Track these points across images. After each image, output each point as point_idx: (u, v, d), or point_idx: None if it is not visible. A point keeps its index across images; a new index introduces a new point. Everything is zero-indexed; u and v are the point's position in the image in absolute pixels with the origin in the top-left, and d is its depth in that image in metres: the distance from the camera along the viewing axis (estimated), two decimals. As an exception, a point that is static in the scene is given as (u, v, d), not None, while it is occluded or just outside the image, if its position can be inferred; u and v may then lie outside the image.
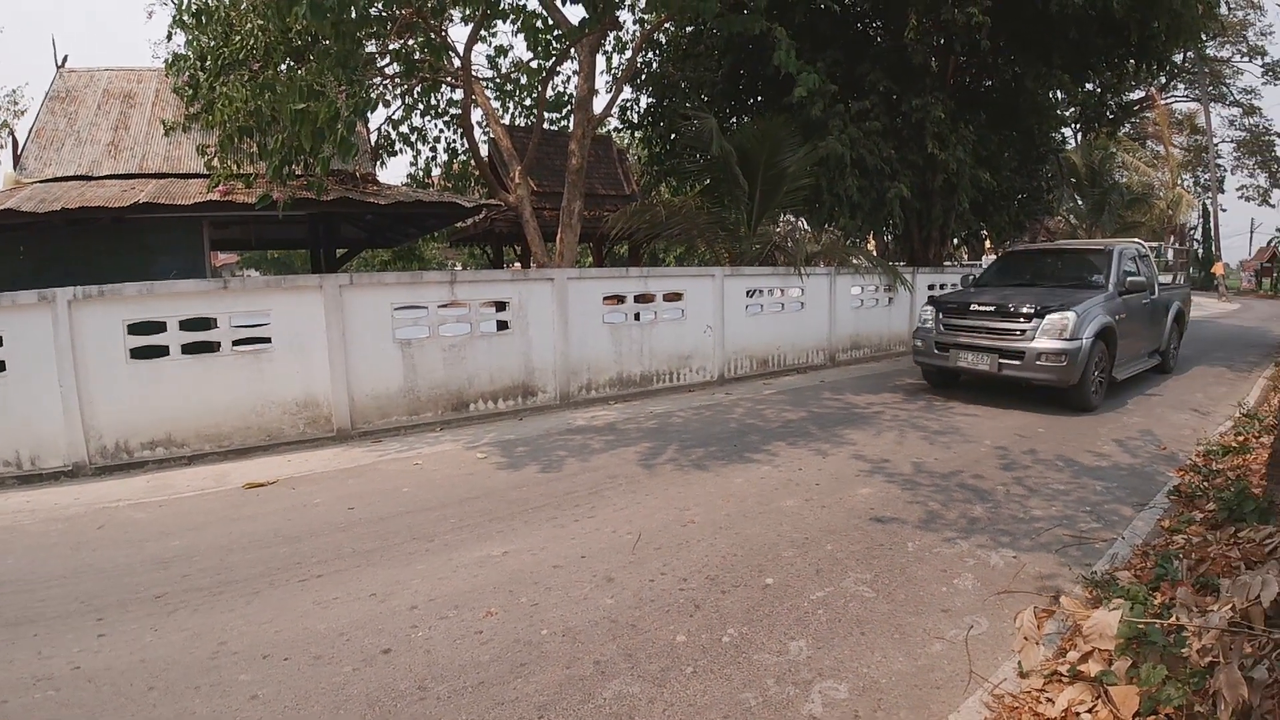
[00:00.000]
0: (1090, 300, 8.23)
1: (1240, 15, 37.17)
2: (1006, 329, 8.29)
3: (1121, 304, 8.69)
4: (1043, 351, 7.83)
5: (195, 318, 6.70)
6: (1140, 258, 10.01)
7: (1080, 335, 7.74)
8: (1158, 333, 10.31)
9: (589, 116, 11.13)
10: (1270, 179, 44.88)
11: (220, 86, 9.27)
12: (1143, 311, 9.45)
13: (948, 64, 15.16)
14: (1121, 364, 8.89)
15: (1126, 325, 8.71)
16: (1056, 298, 8.32)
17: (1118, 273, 8.92)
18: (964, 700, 2.77)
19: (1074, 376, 7.75)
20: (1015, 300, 8.45)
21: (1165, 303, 10.49)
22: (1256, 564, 3.28)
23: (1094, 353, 7.89)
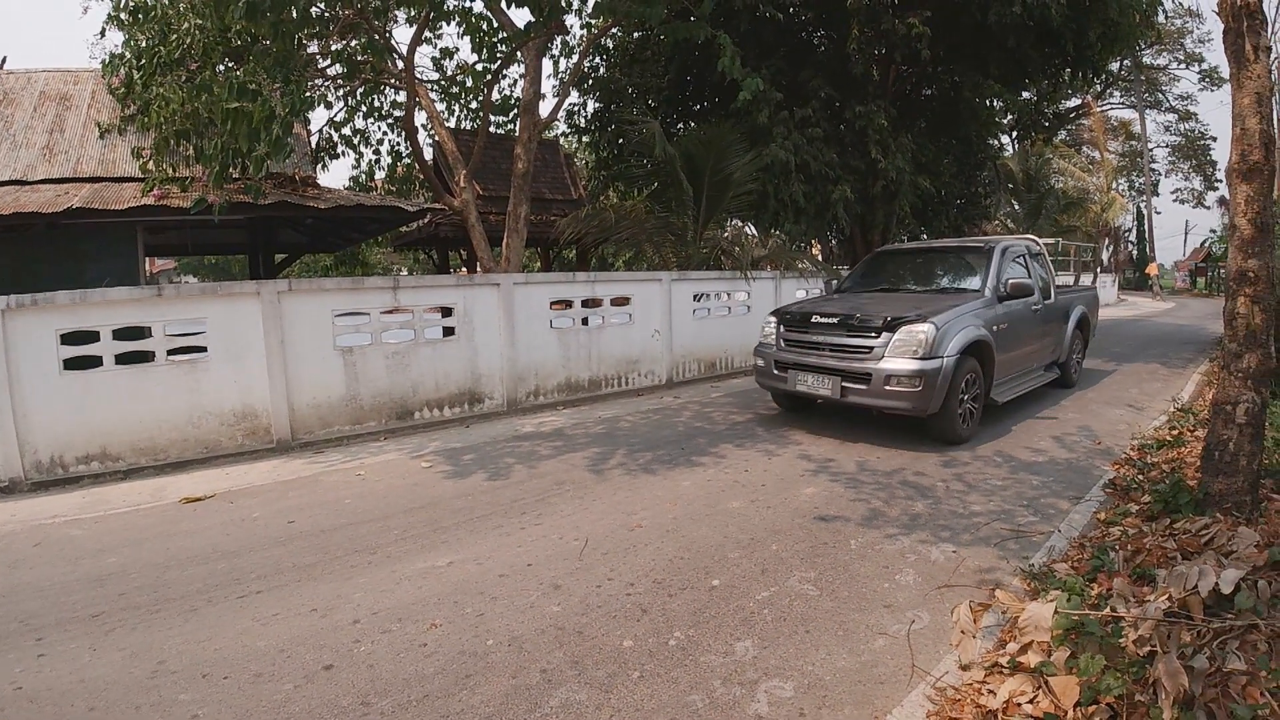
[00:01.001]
0: (958, 309, 6.86)
1: (1178, 24, 38.60)
2: (852, 346, 6.84)
3: (1002, 312, 7.41)
4: (892, 373, 6.40)
5: (129, 326, 6.50)
6: (1031, 256, 8.72)
7: (940, 352, 6.36)
8: (1054, 342, 9.01)
9: (535, 120, 11.10)
10: (1205, 182, 46.76)
11: (156, 87, 9.03)
12: (1032, 320, 8.19)
13: (889, 73, 15.46)
14: (1003, 383, 7.66)
15: (1009, 336, 7.47)
16: (917, 307, 6.96)
17: (997, 275, 7.59)
18: (907, 695, 2.84)
19: (932, 403, 6.35)
20: (863, 311, 7.07)
21: (1064, 308, 9.24)
22: (1192, 555, 3.40)
23: (960, 372, 6.53)
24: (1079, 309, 9.74)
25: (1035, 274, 8.48)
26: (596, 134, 17.11)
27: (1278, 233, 9.59)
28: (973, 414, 6.92)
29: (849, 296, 8.35)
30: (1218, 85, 39.67)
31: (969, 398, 6.82)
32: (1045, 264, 9.04)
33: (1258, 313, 3.87)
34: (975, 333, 6.79)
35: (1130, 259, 52.99)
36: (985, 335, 6.91)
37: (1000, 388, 7.54)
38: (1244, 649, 2.56)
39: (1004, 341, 7.35)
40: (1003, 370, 7.49)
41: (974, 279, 7.76)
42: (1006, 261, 7.94)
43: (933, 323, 6.45)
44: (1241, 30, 3.86)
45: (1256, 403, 3.89)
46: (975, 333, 6.79)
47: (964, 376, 6.61)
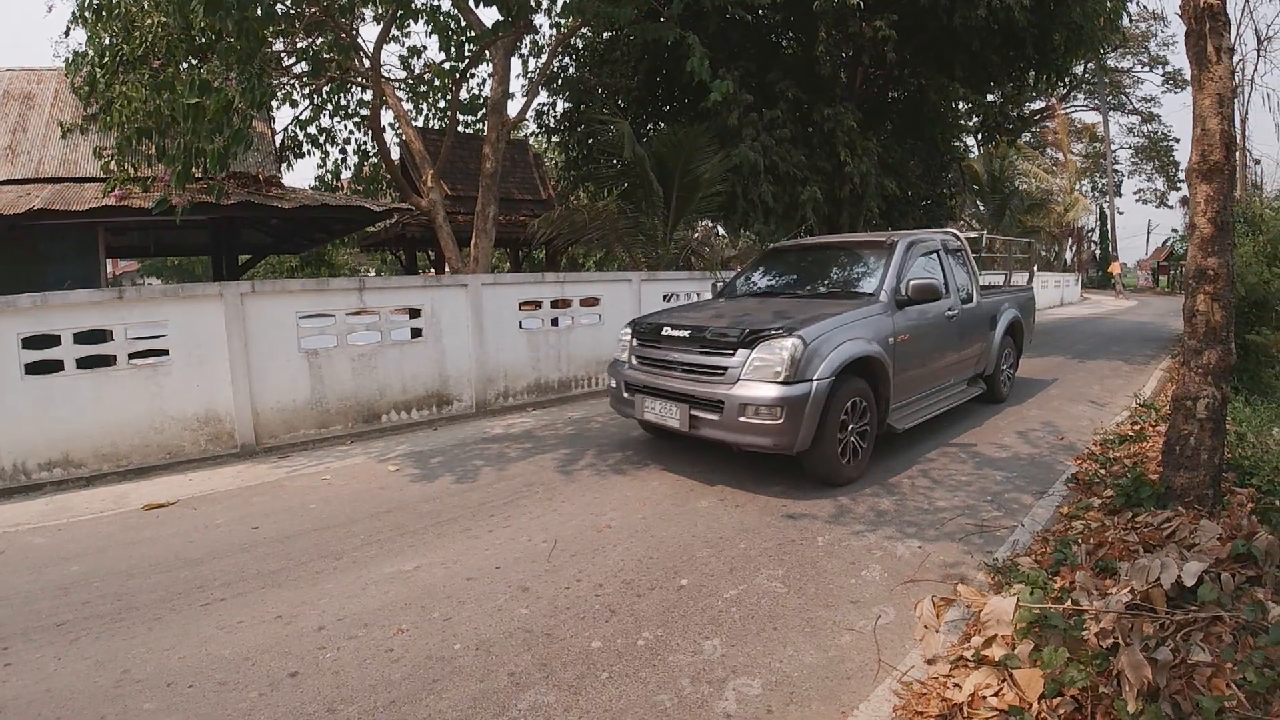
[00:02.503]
0: (837, 318, 5.57)
1: (1143, 27, 39.31)
2: (703, 366, 5.57)
3: (903, 320, 6.18)
4: (748, 401, 5.09)
5: (90, 330, 6.36)
6: (948, 253, 7.45)
7: (809, 374, 5.09)
8: (977, 353, 7.79)
9: (504, 120, 11.05)
10: (1167, 182, 47.75)
11: (119, 86, 8.86)
12: (946, 328, 6.96)
13: (856, 75, 15.58)
14: (907, 405, 6.47)
15: (912, 349, 6.29)
16: (789, 315, 5.67)
17: (896, 276, 6.33)
18: (873, 690, 2.85)
19: (799, 438, 5.06)
20: (720, 322, 5.79)
21: (989, 313, 8.07)
22: (1155, 548, 3.44)
23: (839, 398, 5.26)
24: (1009, 313, 8.58)
25: (952, 274, 7.30)
26: (566, 134, 17.05)
27: (1239, 231, 9.90)
28: (860, 448, 5.64)
29: (725, 303, 7.02)
30: (1181, 87, 40.50)
31: (854, 428, 5.55)
32: (967, 262, 7.85)
33: (1217, 310, 3.94)
34: (861, 347, 5.51)
35: (1093, 258, 54.03)
36: (876, 350, 5.67)
37: (902, 412, 6.35)
38: (1208, 641, 2.59)
39: (905, 356, 6.17)
40: (904, 390, 6.31)
41: (870, 281, 6.49)
42: (911, 260, 6.65)
43: (799, 337, 5.13)
44: (1204, 32, 3.92)
45: (1217, 398, 3.95)
46: (861, 347, 5.51)
47: (845, 402, 5.34)
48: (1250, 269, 9.56)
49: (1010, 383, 8.87)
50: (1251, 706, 2.33)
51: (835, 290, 6.73)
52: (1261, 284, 9.57)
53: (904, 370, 6.18)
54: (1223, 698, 2.35)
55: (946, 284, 7.08)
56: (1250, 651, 2.52)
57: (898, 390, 6.12)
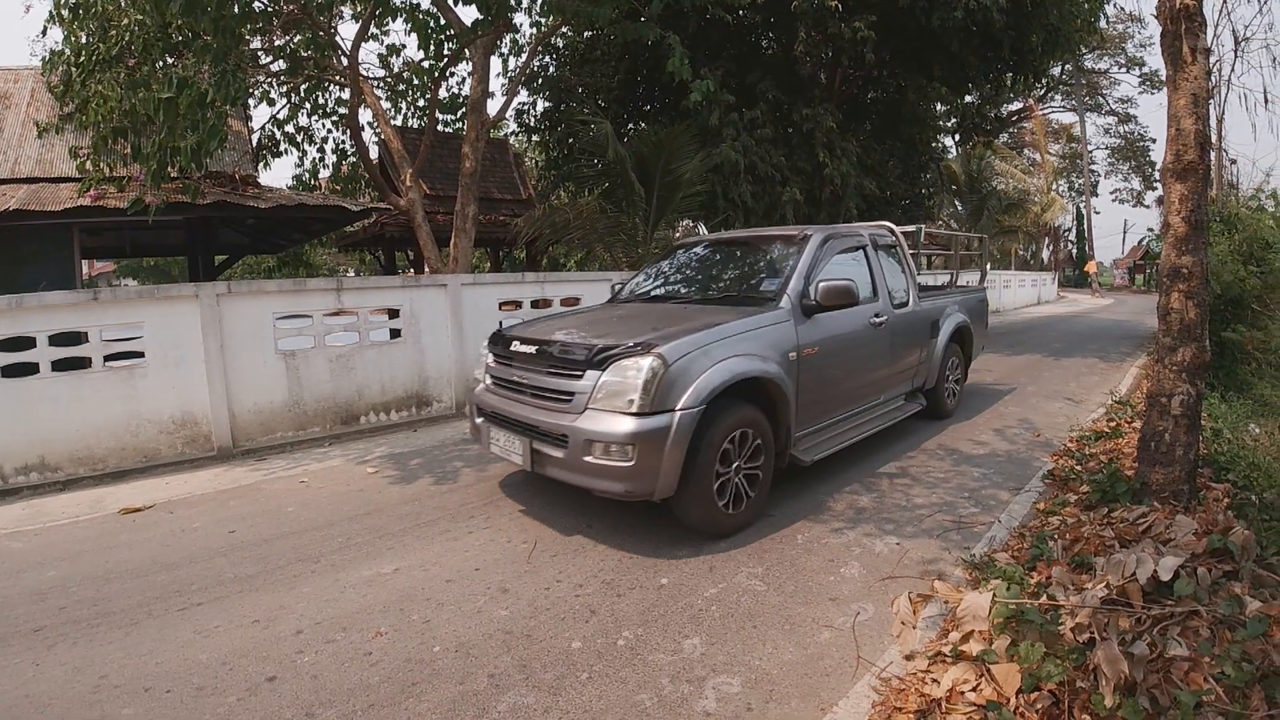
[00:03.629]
0: (719, 330, 4.50)
1: (1120, 29, 39.74)
2: (548, 391, 4.55)
3: (811, 330, 5.09)
4: (593, 437, 4.09)
5: (65, 331, 6.28)
6: (879, 249, 6.49)
7: (670, 402, 4.06)
8: (914, 364, 6.81)
9: (483, 119, 11.01)
10: (1144, 182, 48.34)
11: (95, 85, 8.76)
12: (871, 337, 5.92)
13: (835, 76, 15.68)
14: (818, 431, 5.41)
15: (824, 365, 5.22)
16: (658, 327, 4.62)
17: (804, 278, 5.26)
18: (852, 686, 2.86)
19: (656, 483, 4.05)
20: (573, 336, 4.78)
21: (930, 317, 7.08)
22: (1130, 543, 3.47)
23: (713, 431, 4.20)
24: (955, 318, 7.55)
25: (882, 274, 6.30)
26: (546, 133, 17.06)
27: (1215, 230, 10.01)
28: (747, 490, 4.52)
29: (603, 310, 6.15)
30: (1158, 88, 40.91)
31: (741, 465, 4.46)
32: (902, 260, 6.88)
33: (1191, 307, 3.98)
34: (749, 366, 4.45)
35: (1070, 257, 54.62)
36: (771, 369, 4.61)
37: (813, 439, 5.34)
38: (1185, 635, 2.62)
39: (815, 373, 5.12)
40: (815, 414, 5.28)
41: (773, 283, 5.39)
42: (826, 258, 5.62)
43: (659, 355, 4.06)
44: (1180, 33, 3.96)
45: (1191, 395, 4.00)
46: (749, 366, 4.45)
47: (725, 435, 4.28)
48: (1226, 267, 9.67)
49: (957, 396, 7.90)
50: (1230, 700, 2.35)
51: (732, 294, 5.64)
52: (1237, 282, 9.68)
53: (813, 390, 5.14)
54: (1200, 691, 2.37)
55: (874, 285, 6.16)
56: (1228, 646, 2.54)
57: (805, 414, 5.09)
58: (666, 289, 6.42)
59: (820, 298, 5.04)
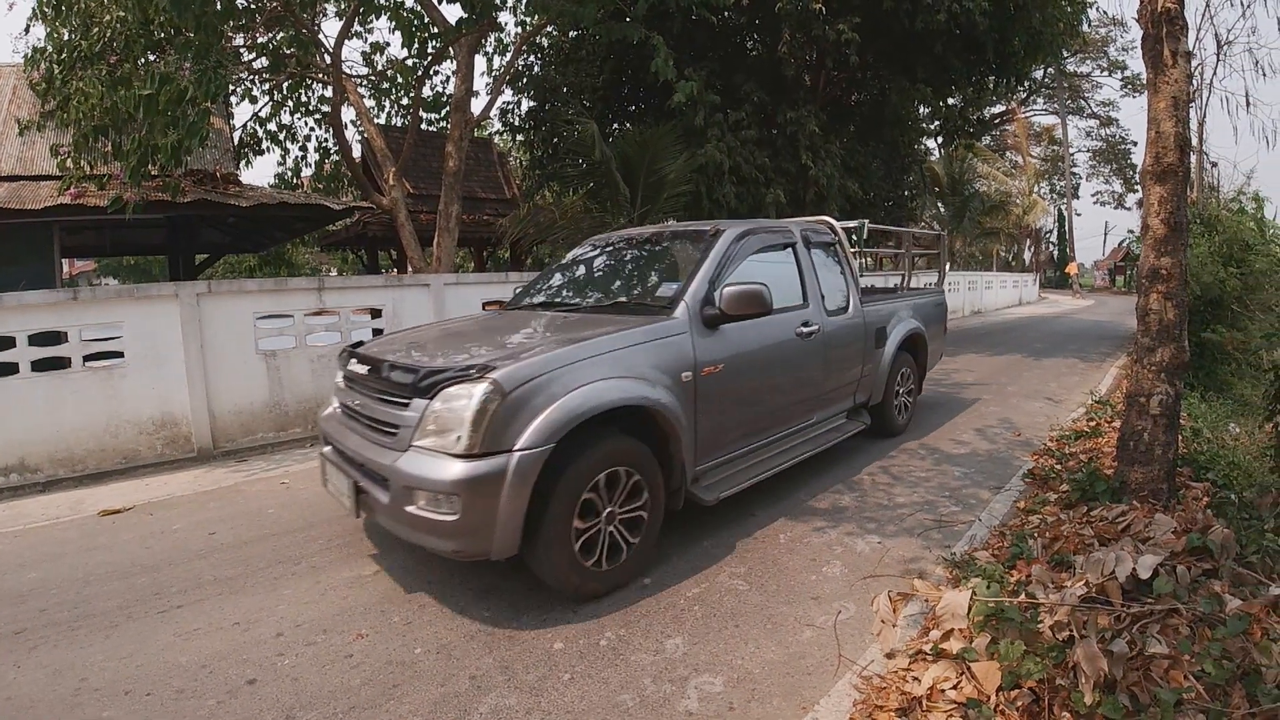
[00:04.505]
0: (586, 347, 3.70)
1: (1102, 33, 40.09)
2: (377, 421, 3.80)
3: (715, 344, 4.29)
4: (413, 484, 3.33)
5: (45, 331, 6.21)
6: (813, 248, 5.73)
7: (508, 440, 3.26)
8: (854, 378, 6.01)
9: (467, 118, 10.98)
10: (1125, 185, 48.82)
11: (76, 81, 8.68)
12: (799, 350, 5.10)
13: (819, 78, 15.74)
14: (730, 463, 4.63)
15: (734, 384, 4.43)
16: (507, 344, 4.02)
17: (708, 281, 4.44)
18: (834, 685, 2.86)
19: (492, 541, 3.26)
20: (409, 354, 4.12)
21: (877, 324, 6.30)
22: (1110, 541, 3.50)
23: (571, 474, 3.42)
24: (906, 324, 6.80)
25: (813, 276, 5.52)
26: (531, 133, 17.03)
27: (1195, 232, 10.11)
28: (626, 540, 3.73)
29: (482, 319, 5.45)
30: (1139, 92, 41.28)
31: (615, 512, 3.67)
32: (842, 260, 6.14)
33: (1170, 308, 4.02)
34: (624, 391, 3.64)
35: (1051, 259, 55.08)
36: (655, 393, 3.78)
37: (720, 472, 4.55)
38: (1165, 633, 2.63)
39: (720, 395, 4.30)
40: (723, 443, 4.50)
41: (672, 288, 4.58)
42: (738, 258, 4.79)
43: (493, 381, 3.25)
44: (1161, 36, 4.00)
45: (1170, 394, 4.03)
46: (624, 391, 3.64)
47: (588, 480, 3.48)
48: (1206, 269, 9.78)
49: (910, 410, 7.13)
50: (1211, 698, 2.37)
51: (623, 302, 4.80)
52: (1217, 283, 9.80)
53: (720, 415, 4.37)
54: (1181, 689, 2.39)
55: (804, 289, 5.37)
56: (1208, 643, 2.56)
57: (710, 444, 4.35)
58: (560, 294, 5.52)
59: (725, 306, 4.22)
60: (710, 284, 4.43)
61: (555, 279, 5.87)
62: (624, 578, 3.76)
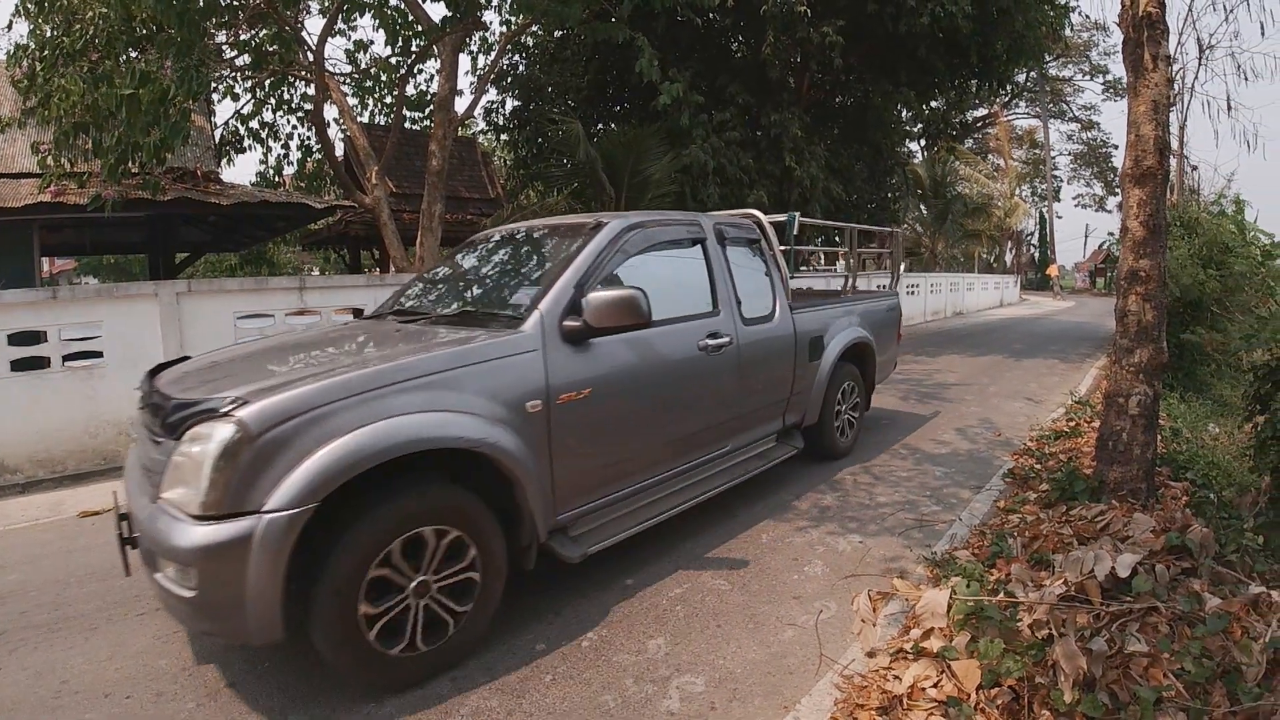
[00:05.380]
0: (390, 370, 2.91)
1: (1085, 37, 40.45)
2: (147, 462, 3.01)
3: (579, 363, 3.50)
4: (155, 547, 2.64)
5: (24, 331, 6.13)
6: (729, 244, 4.88)
7: (251, 500, 2.48)
8: (781, 396, 5.16)
9: (451, 117, 10.93)
10: (1105, 188, 49.28)
11: (58, 79, 8.59)
12: (704, 367, 4.28)
13: (803, 80, 15.82)
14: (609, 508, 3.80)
15: (607, 413, 3.65)
16: (285, 368, 3.26)
17: (571, 287, 3.62)
18: (815, 684, 2.87)
19: (243, 622, 2.51)
20: (188, 376, 3.44)
21: (812, 333, 5.46)
22: (1089, 540, 3.52)
23: (352, 540, 2.65)
24: (849, 332, 5.96)
25: (726, 278, 4.69)
26: (515, 132, 17.02)
27: (1175, 234, 10.19)
28: (451, 613, 2.96)
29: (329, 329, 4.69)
30: (1121, 95, 41.56)
31: (432, 580, 2.88)
32: (766, 258, 5.32)
33: (1149, 310, 4.05)
34: (427, 428, 2.86)
35: (1032, 261, 55.52)
36: (484, 430, 3.01)
37: (595, 520, 3.73)
38: (1144, 631, 2.65)
39: (587, 426, 3.53)
40: (595, 484, 3.67)
41: (530, 293, 3.73)
42: (619, 258, 3.97)
43: (239, 420, 2.52)
44: (1141, 40, 4.03)
45: (1149, 395, 4.07)
46: (427, 428, 2.86)
47: (377, 548, 2.71)
48: (1185, 270, 9.86)
49: (855, 429, 6.29)
50: (1191, 696, 2.38)
51: (471, 311, 4.01)
52: (1196, 285, 9.88)
53: (588, 452, 3.58)
54: (1160, 687, 2.40)
55: (714, 294, 4.56)
56: (1188, 642, 2.58)
57: (576, 487, 3.52)
58: (421, 300, 4.64)
59: (589, 316, 3.41)
60: (578, 289, 3.59)
61: (428, 281, 4.99)
62: (453, 657, 3.01)
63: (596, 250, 3.86)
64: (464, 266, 4.91)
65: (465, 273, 4.85)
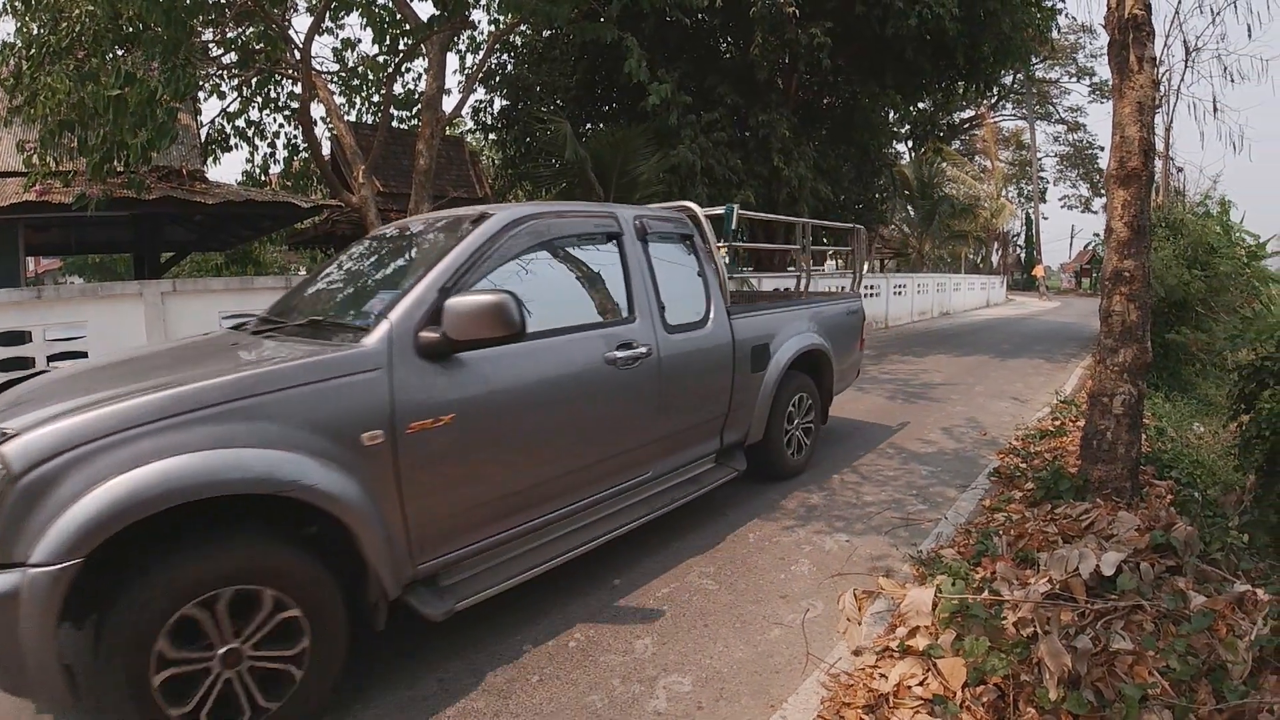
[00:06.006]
0: (181, 394, 2.38)
1: (1071, 39, 40.69)
2: None
3: (443, 383, 2.91)
4: None
5: (9, 331, 6.05)
6: (652, 240, 4.26)
7: (16, 550, 2.10)
8: (719, 411, 4.57)
9: (439, 116, 10.88)
10: (1091, 189, 49.62)
11: (44, 77, 8.52)
12: (611, 383, 3.67)
13: (791, 81, 15.87)
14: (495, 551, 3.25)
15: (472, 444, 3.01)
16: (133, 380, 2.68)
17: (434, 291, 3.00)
18: (801, 682, 2.87)
19: (24, 686, 2.24)
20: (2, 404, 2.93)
21: (754, 340, 4.84)
22: (1074, 538, 3.54)
23: (129, 602, 2.22)
24: (801, 339, 5.34)
25: (644, 279, 4.06)
26: (503, 132, 17.00)
27: (1160, 235, 10.26)
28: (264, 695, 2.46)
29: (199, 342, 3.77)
30: (1107, 98, 41.63)
31: (241, 652, 2.41)
32: (702, 256, 4.67)
33: (1133, 310, 4.08)
34: (211, 471, 2.33)
35: (1019, 261, 55.83)
36: (291, 471, 2.47)
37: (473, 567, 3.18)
38: (1129, 629, 2.66)
39: (447, 460, 2.95)
40: (459, 528, 3.05)
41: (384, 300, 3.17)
42: (500, 257, 3.35)
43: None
44: (1127, 42, 4.06)
45: (1133, 394, 4.09)
46: (211, 471, 2.33)
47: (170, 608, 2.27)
48: (1171, 271, 9.93)
49: (810, 445, 5.69)
50: (1176, 694, 2.39)
51: (319, 320, 3.30)
52: (1181, 285, 9.95)
53: (453, 489, 2.99)
54: (1145, 685, 2.41)
55: (630, 298, 3.93)
56: (1173, 640, 2.59)
57: (439, 533, 2.95)
58: (291, 305, 3.94)
59: (448, 327, 2.83)
60: (442, 294, 2.98)
61: (307, 284, 4.31)
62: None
63: (473, 248, 3.23)
64: (345, 268, 4.22)
65: (342, 275, 4.18)
